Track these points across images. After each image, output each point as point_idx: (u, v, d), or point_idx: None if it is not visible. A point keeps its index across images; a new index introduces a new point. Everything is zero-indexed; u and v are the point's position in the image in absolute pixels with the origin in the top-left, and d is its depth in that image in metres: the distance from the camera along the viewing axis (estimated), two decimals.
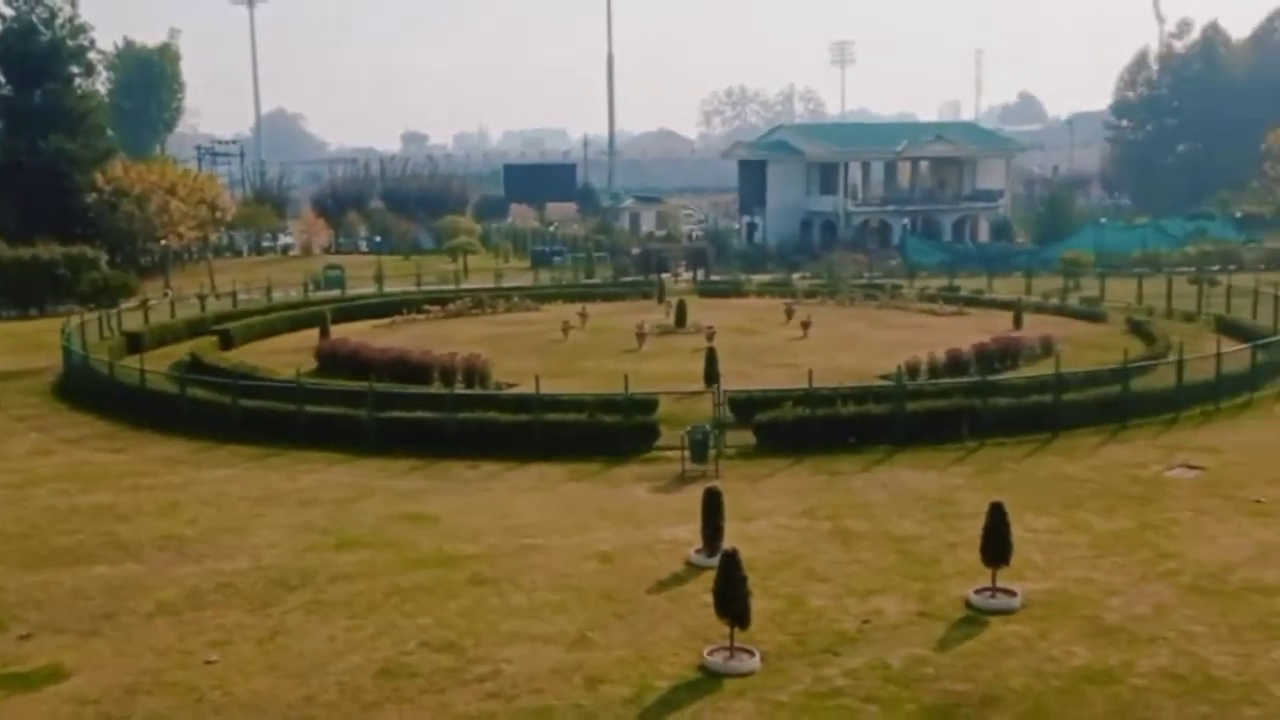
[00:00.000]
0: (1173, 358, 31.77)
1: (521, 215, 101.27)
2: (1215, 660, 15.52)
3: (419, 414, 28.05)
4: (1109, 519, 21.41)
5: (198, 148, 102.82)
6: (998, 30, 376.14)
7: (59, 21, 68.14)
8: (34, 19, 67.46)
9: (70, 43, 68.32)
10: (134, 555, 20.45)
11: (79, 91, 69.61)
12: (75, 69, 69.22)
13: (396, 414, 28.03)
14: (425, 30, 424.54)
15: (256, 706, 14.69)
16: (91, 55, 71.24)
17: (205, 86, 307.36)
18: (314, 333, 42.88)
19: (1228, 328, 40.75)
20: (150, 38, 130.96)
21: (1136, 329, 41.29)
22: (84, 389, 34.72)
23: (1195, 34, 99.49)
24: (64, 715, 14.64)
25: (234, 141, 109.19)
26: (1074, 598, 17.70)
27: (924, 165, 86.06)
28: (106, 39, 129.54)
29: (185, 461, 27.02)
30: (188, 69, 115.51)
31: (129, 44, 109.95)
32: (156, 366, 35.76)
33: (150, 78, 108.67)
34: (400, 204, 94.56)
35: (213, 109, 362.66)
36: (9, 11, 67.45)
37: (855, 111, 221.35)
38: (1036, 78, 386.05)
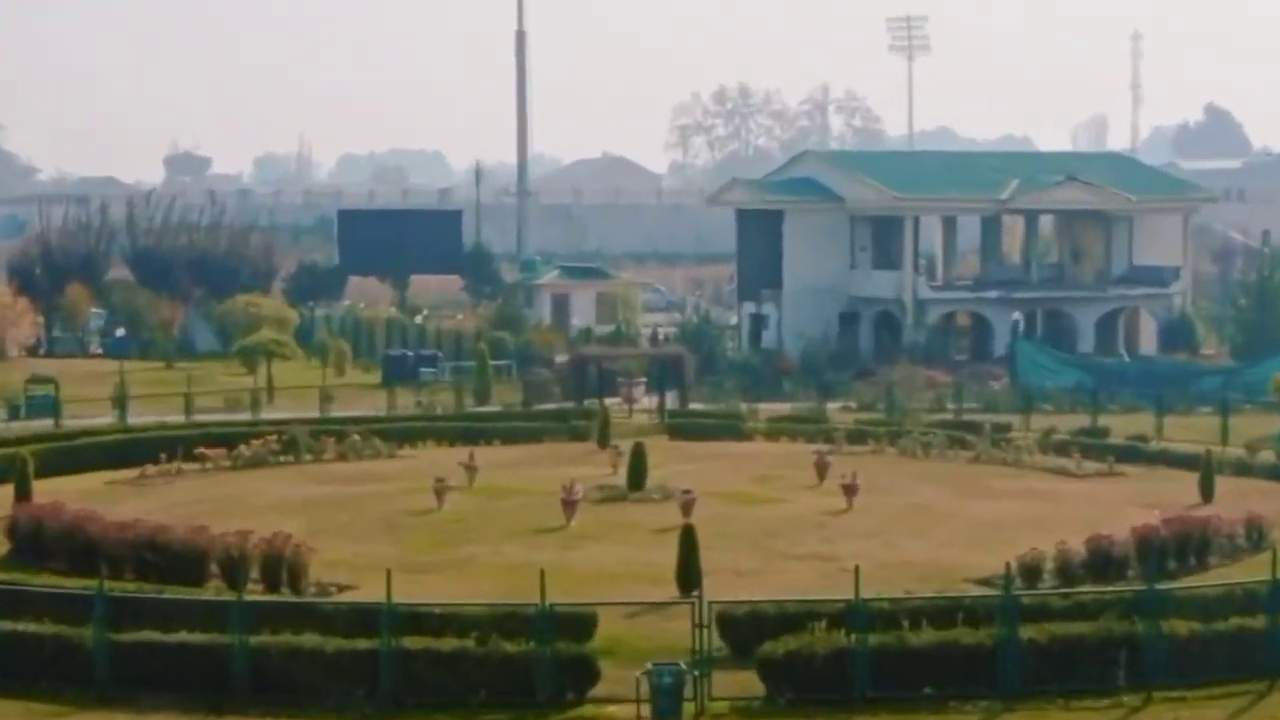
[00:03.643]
0: None
1: (368, 295, 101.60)
2: None
3: (184, 636, 27.78)
4: None
5: None
6: (1168, 10, 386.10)
7: None
8: None
9: None
10: None
11: None
12: None
13: (145, 635, 27.76)
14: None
15: None
16: None
17: None
18: (6, 491, 42.58)
19: None
20: None
21: None
22: None
23: None
24: None
25: None
26: None
27: (1048, 223, 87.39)
28: None
29: None
30: None
31: None
32: None
33: None
34: (160, 273, 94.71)
35: None
36: None
37: (931, 132, 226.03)
38: (1231, 86, 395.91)
